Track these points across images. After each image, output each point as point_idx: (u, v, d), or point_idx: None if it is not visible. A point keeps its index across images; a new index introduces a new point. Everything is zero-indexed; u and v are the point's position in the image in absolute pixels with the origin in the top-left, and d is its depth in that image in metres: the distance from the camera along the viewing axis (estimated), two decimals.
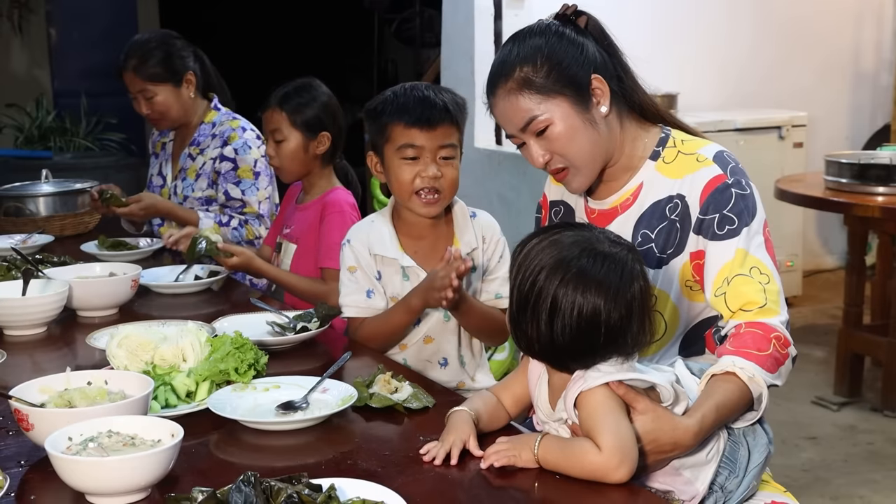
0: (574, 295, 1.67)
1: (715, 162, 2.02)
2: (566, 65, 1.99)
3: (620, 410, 1.68)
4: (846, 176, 4.43)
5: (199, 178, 3.70)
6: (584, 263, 1.68)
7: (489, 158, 5.54)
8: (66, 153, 6.88)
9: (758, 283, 1.92)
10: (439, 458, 1.73)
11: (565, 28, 2.05)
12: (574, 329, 1.67)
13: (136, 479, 1.57)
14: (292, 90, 3.14)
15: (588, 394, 1.68)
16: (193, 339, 2.10)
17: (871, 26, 6.86)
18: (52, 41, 7.89)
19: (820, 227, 6.52)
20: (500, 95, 2.04)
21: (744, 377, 1.82)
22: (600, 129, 2.03)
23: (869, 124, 6.84)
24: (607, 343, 1.69)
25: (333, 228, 3.01)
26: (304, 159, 3.13)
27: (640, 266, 1.73)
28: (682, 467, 1.79)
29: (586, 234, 1.75)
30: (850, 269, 4.68)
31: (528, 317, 1.70)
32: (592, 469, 1.64)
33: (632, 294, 1.69)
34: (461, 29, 5.75)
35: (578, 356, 1.70)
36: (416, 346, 2.50)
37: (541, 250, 1.72)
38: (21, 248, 3.18)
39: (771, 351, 1.87)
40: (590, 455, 1.64)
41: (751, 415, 1.86)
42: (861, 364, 4.70)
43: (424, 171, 2.40)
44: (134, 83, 3.69)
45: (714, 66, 6.19)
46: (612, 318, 1.67)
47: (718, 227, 1.97)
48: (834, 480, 3.88)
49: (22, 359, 2.40)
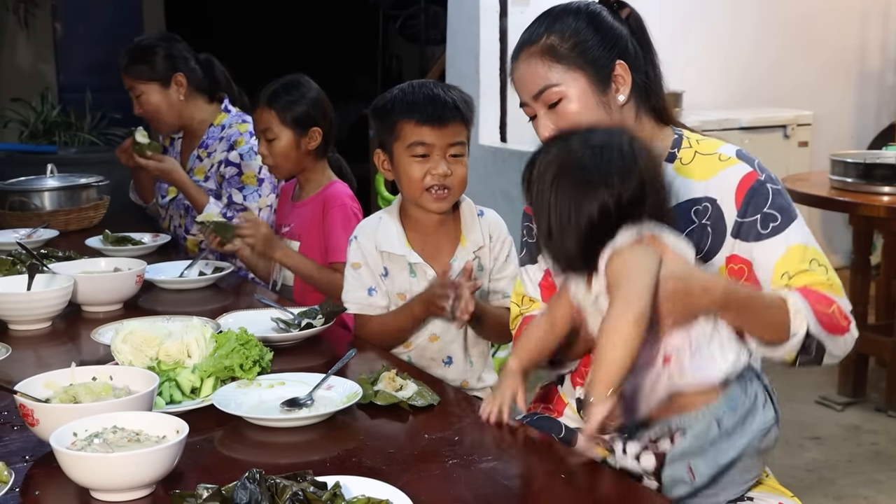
0: (585, 197, 1.70)
1: (740, 159, 1.98)
2: (592, 44, 1.97)
3: (648, 258, 1.70)
4: (851, 175, 4.42)
5: (209, 180, 3.70)
6: (586, 161, 1.73)
7: (494, 155, 5.54)
8: (70, 148, 6.87)
9: (822, 276, 1.91)
10: (493, 415, 1.87)
11: (602, 11, 2.03)
12: (592, 229, 1.71)
13: (140, 475, 1.57)
14: (280, 88, 3.13)
15: (618, 251, 1.70)
16: (198, 334, 2.10)
17: (876, 25, 6.84)
18: (58, 36, 7.88)
19: (825, 227, 6.51)
20: (523, 59, 2.01)
21: (791, 306, 1.81)
22: (613, 116, 1.99)
23: (874, 123, 6.82)
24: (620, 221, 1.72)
25: (337, 223, 3.01)
26: (297, 156, 3.13)
27: (637, 142, 1.76)
28: (703, 338, 1.75)
29: (570, 141, 1.78)
30: (855, 269, 4.67)
31: (555, 239, 1.73)
32: (603, 331, 1.67)
33: (639, 171, 1.73)
34: (466, 26, 5.74)
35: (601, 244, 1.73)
36: (422, 345, 2.51)
37: (540, 174, 1.76)
38: (26, 243, 3.18)
39: (830, 312, 1.85)
40: (610, 333, 1.66)
41: (779, 348, 1.83)
42: (865, 364, 4.69)
43: (434, 169, 2.41)
44: (125, 81, 3.74)
45: (719, 65, 6.18)
46: (625, 200, 1.71)
47: (762, 225, 1.93)
48: (838, 481, 3.88)
49: (27, 353, 2.40)
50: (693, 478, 1.75)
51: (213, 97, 3.82)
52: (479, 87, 5.61)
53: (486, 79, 5.65)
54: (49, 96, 7.23)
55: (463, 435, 1.87)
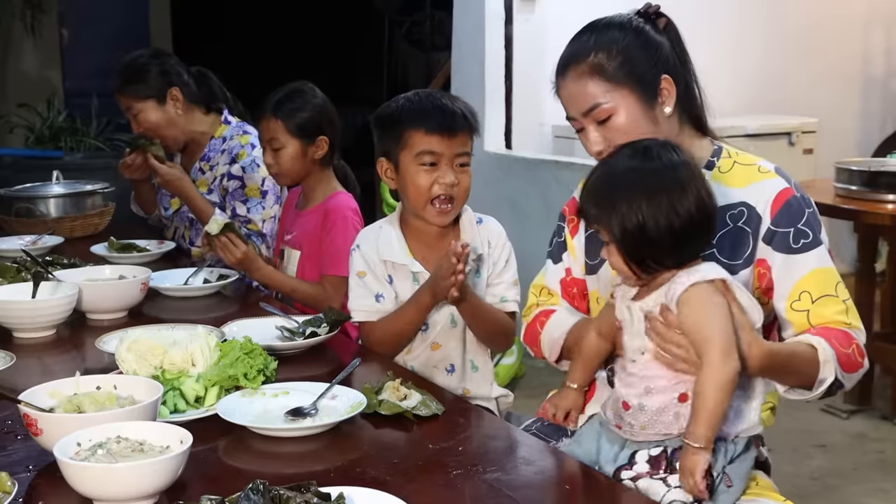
0: (673, 192, 1.78)
1: (778, 174, 2.06)
2: (639, 60, 2.01)
3: (724, 306, 1.78)
4: (856, 183, 4.42)
5: (212, 193, 3.68)
6: (657, 164, 1.81)
7: (499, 162, 5.54)
8: (76, 153, 6.89)
9: (841, 303, 2.00)
10: (559, 417, 2.06)
11: (645, 25, 2.06)
12: (689, 218, 1.78)
13: (144, 485, 1.56)
14: (285, 96, 3.11)
15: (696, 288, 1.78)
16: (203, 343, 2.10)
17: (881, 32, 6.83)
18: (64, 42, 7.89)
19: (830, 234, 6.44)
20: (571, 77, 2.04)
21: (821, 357, 1.89)
22: (661, 128, 2.04)
23: (879, 131, 6.81)
24: (713, 219, 1.82)
25: (337, 236, 3.00)
26: (304, 164, 3.12)
27: (694, 166, 1.85)
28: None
29: (627, 149, 1.87)
30: (860, 277, 4.67)
31: (647, 238, 1.79)
32: (716, 385, 1.74)
33: (697, 192, 1.80)
34: (471, 33, 5.74)
35: (699, 241, 1.84)
36: (425, 353, 2.51)
37: (612, 188, 1.84)
38: (31, 250, 3.19)
39: (850, 352, 1.95)
40: (709, 382, 1.74)
41: (803, 392, 1.94)
42: (871, 372, 4.66)
43: (442, 178, 2.42)
44: (121, 101, 3.70)
45: (724, 72, 6.16)
46: (709, 194, 1.81)
47: (794, 240, 2.01)
48: (843, 489, 3.87)
49: (31, 361, 2.40)
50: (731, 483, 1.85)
51: (210, 108, 3.81)
52: (485, 93, 5.61)
53: (492, 85, 5.65)
54: (55, 102, 7.25)
55: (467, 445, 1.87)
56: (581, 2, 5.51)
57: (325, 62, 9.30)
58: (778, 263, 2.01)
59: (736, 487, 1.85)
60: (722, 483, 1.82)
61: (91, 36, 7.86)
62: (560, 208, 2.35)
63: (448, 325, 2.50)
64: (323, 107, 3.14)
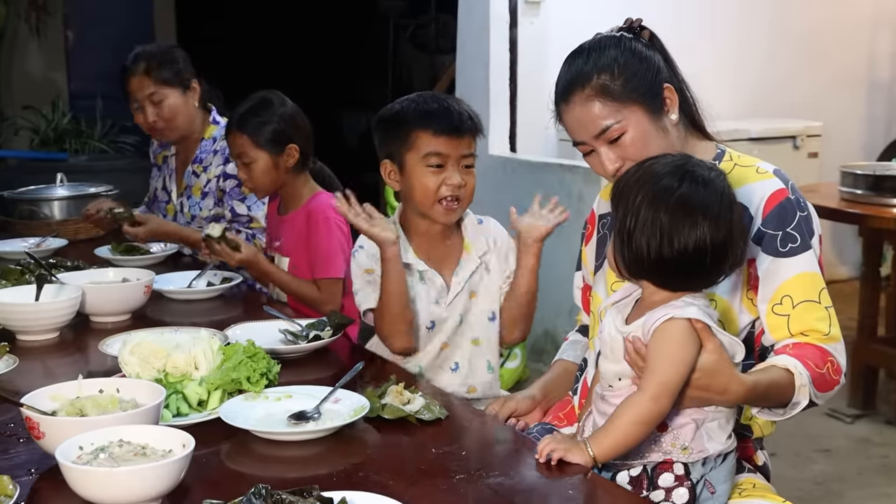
0: (677, 222, 1.76)
1: (776, 176, 2.05)
2: (640, 74, 2.02)
3: (690, 349, 1.76)
4: (861, 187, 4.41)
5: (206, 197, 3.66)
6: (684, 190, 1.77)
7: (504, 165, 5.53)
8: (81, 155, 6.91)
9: (823, 310, 1.99)
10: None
11: (636, 41, 2.07)
12: (680, 255, 1.76)
13: (146, 489, 1.56)
14: (249, 110, 3.08)
15: (671, 323, 1.76)
16: (206, 347, 2.09)
17: (886, 36, 6.83)
18: (69, 44, 7.91)
19: (834, 238, 6.49)
20: (577, 102, 2.03)
21: (797, 381, 1.89)
22: (671, 136, 2.05)
23: (884, 134, 6.81)
24: (713, 265, 1.79)
25: (322, 237, 3.00)
26: (277, 175, 3.10)
27: (732, 190, 1.83)
28: (706, 420, 1.84)
29: (679, 161, 1.84)
30: (865, 281, 4.66)
31: (633, 245, 1.78)
32: (634, 415, 1.76)
33: (732, 217, 1.79)
34: (476, 36, 5.74)
35: (687, 278, 1.81)
36: (432, 354, 2.51)
37: (638, 183, 1.81)
38: (34, 252, 3.19)
39: (824, 371, 1.94)
40: (631, 408, 1.76)
41: (775, 412, 1.93)
42: (875, 376, 4.67)
43: (449, 179, 2.43)
44: (143, 86, 3.63)
45: (729, 76, 6.17)
46: (717, 241, 1.77)
47: (781, 244, 2.00)
48: (847, 494, 3.86)
49: (34, 364, 2.40)
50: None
51: (205, 107, 3.80)
52: (489, 96, 5.61)
53: (496, 88, 5.65)
54: (60, 104, 7.27)
55: (470, 450, 1.87)
56: (585, 5, 5.54)
57: (329, 66, 9.31)
58: (764, 265, 2.00)
59: (721, 490, 1.87)
60: (705, 490, 1.84)
61: (96, 38, 7.87)
62: (565, 212, 2.41)
63: (455, 327, 2.51)
64: (290, 115, 3.10)
